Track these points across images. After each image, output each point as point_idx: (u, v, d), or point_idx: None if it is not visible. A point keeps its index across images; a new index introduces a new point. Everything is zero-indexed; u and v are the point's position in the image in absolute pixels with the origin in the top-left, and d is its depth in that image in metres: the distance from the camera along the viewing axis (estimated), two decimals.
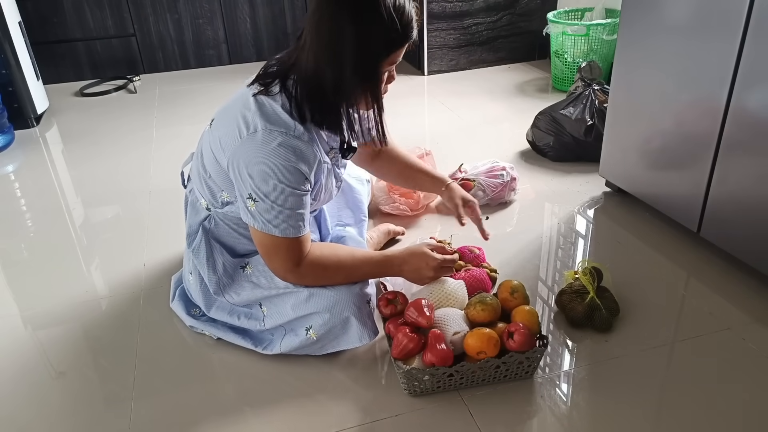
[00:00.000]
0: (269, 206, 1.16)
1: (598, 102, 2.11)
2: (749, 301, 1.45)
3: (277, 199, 1.15)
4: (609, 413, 1.17)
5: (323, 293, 1.25)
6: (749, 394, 1.20)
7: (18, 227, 1.96)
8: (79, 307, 1.54)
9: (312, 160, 1.17)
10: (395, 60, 1.17)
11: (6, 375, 1.34)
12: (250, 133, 1.14)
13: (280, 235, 1.18)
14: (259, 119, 1.14)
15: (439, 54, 3.22)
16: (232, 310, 1.37)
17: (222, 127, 1.21)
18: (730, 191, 1.49)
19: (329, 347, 1.29)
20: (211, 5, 3.38)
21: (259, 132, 1.13)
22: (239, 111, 1.18)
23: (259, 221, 1.18)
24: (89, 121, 2.84)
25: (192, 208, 1.39)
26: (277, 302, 1.30)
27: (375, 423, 1.17)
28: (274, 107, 1.16)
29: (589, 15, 2.91)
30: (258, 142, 1.13)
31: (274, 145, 1.13)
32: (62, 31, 3.26)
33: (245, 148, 1.15)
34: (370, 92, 1.16)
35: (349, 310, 1.25)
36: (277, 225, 1.17)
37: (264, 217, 1.17)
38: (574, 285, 1.42)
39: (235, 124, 1.17)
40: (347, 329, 1.26)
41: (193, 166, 1.37)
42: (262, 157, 1.13)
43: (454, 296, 1.31)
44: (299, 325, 1.28)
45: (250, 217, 1.19)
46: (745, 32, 1.36)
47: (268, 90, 1.18)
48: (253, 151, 1.14)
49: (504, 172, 1.90)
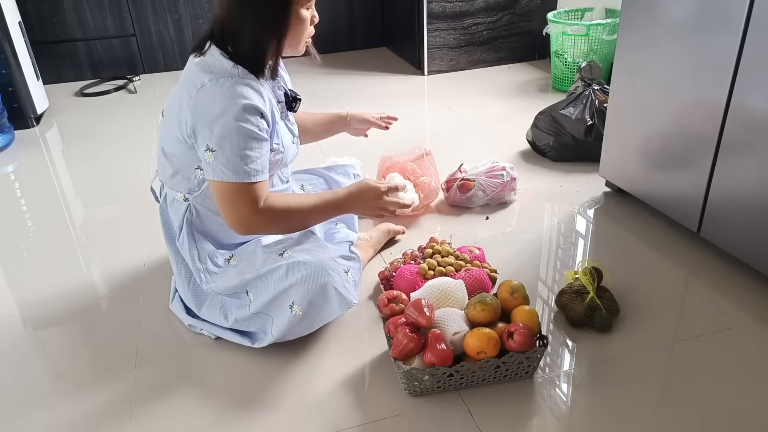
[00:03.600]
0: (226, 152, 1.18)
1: (598, 102, 2.11)
2: (749, 301, 1.45)
3: (234, 143, 1.18)
4: (609, 413, 1.17)
5: (300, 265, 1.28)
6: (749, 393, 1.20)
7: (18, 227, 1.96)
8: (79, 307, 1.54)
9: (264, 97, 1.23)
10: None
11: (6, 375, 1.34)
12: (198, 89, 1.19)
13: (238, 180, 1.20)
14: (204, 75, 1.19)
15: (439, 54, 3.22)
16: (222, 307, 1.37)
17: (173, 106, 1.26)
18: (730, 191, 1.49)
19: (317, 321, 1.31)
20: (211, 5, 3.38)
21: (206, 84, 1.18)
22: (185, 81, 1.23)
23: (217, 171, 1.20)
24: (89, 121, 2.84)
25: (172, 208, 1.40)
26: (260, 285, 1.32)
27: (375, 423, 1.17)
28: (214, 61, 1.21)
29: (589, 15, 2.92)
30: (208, 92, 1.18)
31: (224, 90, 1.17)
32: (62, 31, 3.26)
33: (198, 103, 1.19)
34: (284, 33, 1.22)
35: (326, 276, 1.28)
36: (236, 170, 1.20)
37: (222, 164, 1.19)
38: (574, 285, 1.42)
39: (185, 92, 1.21)
40: (328, 298, 1.28)
41: (161, 168, 1.38)
42: (215, 104, 1.17)
43: (454, 296, 1.32)
44: (283, 304, 1.29)
45: (210, 171, 1.21)
46: (745, 32, 1.36)
47: (203, 52, 1.24)
48: (206, 101, 1.18)
49: (504, 172, 1.90)
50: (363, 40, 3.75)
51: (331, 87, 3.11)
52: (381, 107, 2.81)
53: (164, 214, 1.43)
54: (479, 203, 1.91)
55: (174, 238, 1.40)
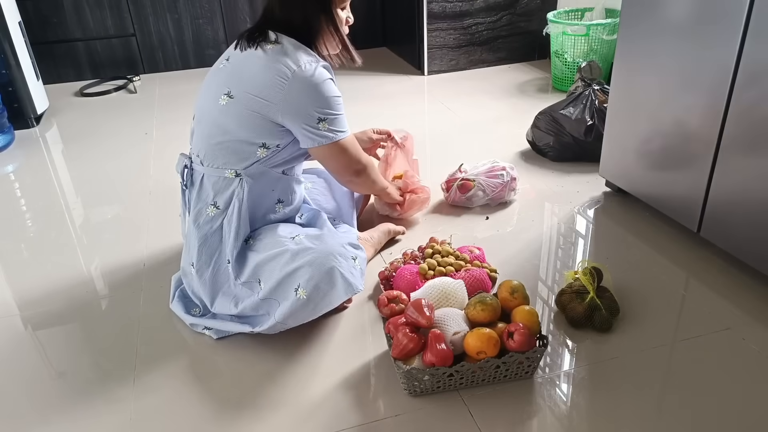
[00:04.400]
0: (335, 117, 1.36)
1: (598, 102, 2.11)
2: (749, 301, 1.45)
3: (337, 109, 1.36)
4: (609, 413, 1.17)
5: (308, 249, 1.33)
6: (749, 394, 1.20)
7: (18, 227, 1.96)
8: (79, 307, 1.54)
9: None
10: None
11: (6, 375, 1.34)
12: (293, 72, 1.29)
13: (346, 137, 1.40)
14: (296, 56, 1.31)
15: (439, 54, 3.22)
16: (234, 296, 1.38)
17: (256, 86, 1.32)
18: (730, 191, 1.49)
19: (321, 306, 1.32)
20: (211, 5, 3.38)
21: (303, 64, 1.30)
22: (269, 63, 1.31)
23: (330, 136, 1.36)
24: (89, 121, 2.84)
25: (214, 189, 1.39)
26: (269, 268, 1.34)
27: (375, 423, 1.17)
28: (295, 48, 1.33)
29: (589, 15, 2.92)
30: (306, 74, 1.30)
31: (318, 71, 1.31)
32: (62, 31, 3.26)
33: (296, 84, 1.30)
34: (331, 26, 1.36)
35: (333, 260, 1.31)
36: (344, 128, 1.39)
37: (334, 129, 1.36)
38: (574, 285, 1.42)
39: (274, 75, 1.30)
40: (333, 283, 1.30)
41: (207, 149, 1.38)
42: (314, 85, 1.31)
43: (454, 296, 1.32)
44: (289, 287, 1.30)
45: (323, 138, 1.35)
46: (745, 32, 1.36)
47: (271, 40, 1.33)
48: (305, 83, 1.30)
49: (504, 172, 1.90)
50: (363, 40, 3.73)
51: None
52: (381, 107, 2.82)
53: (198, 196, 1.41)
54: (479, 203, 1.91)
55: (204, 219, 1.39)
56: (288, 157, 1.41)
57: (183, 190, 1.47)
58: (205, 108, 1.41)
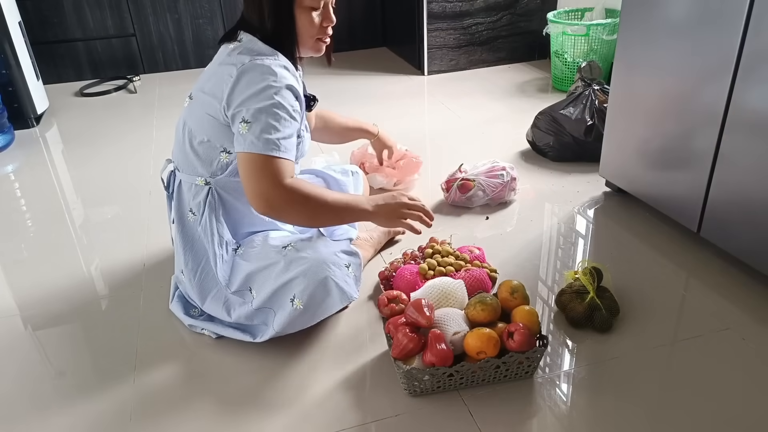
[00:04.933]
0: (260, 124, 1.21)
1: (598, 102, 2.11)
2: (749, 301, 1.45)
3: (269, 116, 1.21)
4: (609, 413, 1.17)
5: (301, 259, 1.30)
6: (749, 394, 1.20)
7: (18, 227, 1.96)
8: (79, 307, 1.54)
9: (298, 81, 1.30)
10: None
11: (6, 375, 1.34)
12: (239, 68, 1.23)
13: (265, 152, 1.21)
14: (245, 55, 1.25)
15: (439, 54, 3.22)
16: (226, 302, 1.37)
17: (210, 86, 1.29)
18: (730, 191, 1.49)
19: (318, 314, 1.32)
20: (211, 5, 3.38)
21: (248, 63, 1.23)
22: (222, 63, 1.28)
23: (247, 142, 1.22)
24: (89, 121, 2.84)
25: (189, 194, 1.39)
26: (262, 279, 1.32)
27: (375, 423, 1.17)
28: (253, 45, 1.28)
29: (589, 15, 2.92)
30: (249, 70, 1.23)
31: (264, 67, 1.23)
32: (62, 31, 3.26)
33: (240, 80, 1.23)
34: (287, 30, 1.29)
35: (326, 270, 1.29)
36: (265, 142, 1.21)
37: (254, 135, 1.21)
38: (574, 285, 1.42)
39: (224, 73, 1.26)
40: (328, 291, 1.29)
41: (178, 154, 1.40)
42: (257, 80, 1.22)
43: (454, 296, 1.32)
44: (284, 298, 1.29)
45: (241, 143, 1.23)
46: (745, 32, 1.36)
47: (237, 38, 1.31)
48: (248, 79, 1.23)
49: (504, 172, 1.90)
50: (363, 40, 3.75)
51: (331, 87, 3.11)
52: (381, 107, 2.82)
53: (177, 202, 1.42)
54: (479, 203, 1.91)
55: (187, 225, 1.40)
56: None
57: (168, 196, 1.47)
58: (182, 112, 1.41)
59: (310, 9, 1.28)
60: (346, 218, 1.40)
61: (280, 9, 1.27)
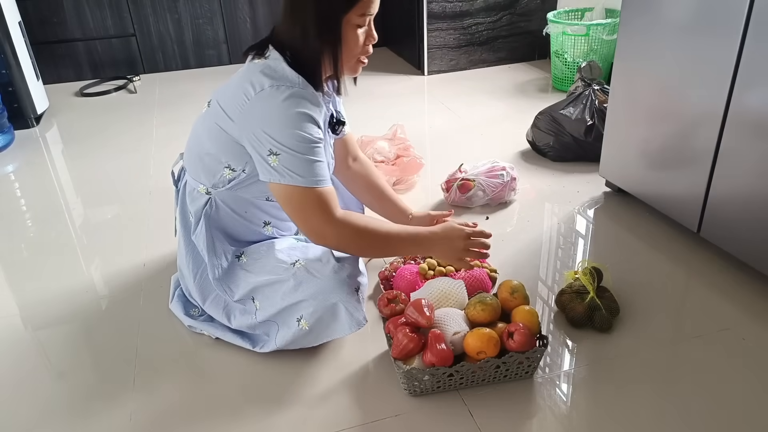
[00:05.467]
0: (292, 155, 1.17)
1: (598, 102, 2.11)
2: (749, 301, 1.45)
3: (297, 148, 1.16)
4: (609, 413, 1.17)
5: (311, 281, 1.26)
6: (749, 394, 1.20)
7: (18, 227, 1.96)
8: (79, 307, 1.54)
9: (320, 110, 1.22)
10: (365, 12, 1.18)
11: (6, 375, 1.34)
12: (257, 92, 1.17)
13: (307, 185, 1.18)
14: (265, 78, 1.18)
15: (439, 54, 3.22)
16: (226, 306, 1.37)
17: (226, 100, 1.24)
18: (730, 191, 1.49)
19: (322, 336, 1.29)
20: (211, 5, 3.38)
21: (267, 89, 1.17)
22: (243, 78, 1.21)
23: (285, 175, 1.18)
24: (89, 121, 2.84)
25: (190, 197, 1.38)
26: (268, 293, 1.30)
27: (375, 423, 1.17)
28: (276, 66, 1.20)
29: (589, 15, 2.92)
30: (268, 98, 1.16)
31: (284, 97, 1.16)
32: (62, 31, 3.26)
33: (256, 106, 1.17)
34: (333, 49, 1.19)
35: (336, 296, 1.25)
36: (304, 174, 1.17)
37: (289, 168, 1.17)
38: (574, 285, 1.42)
39: (240, 91, 1.20)
40: (337, 316, 1.27)
41: (187, 156, 1.38)
42: (275, 111, 1.16)
43: (454, 296, 1.31)
44: (290, 316, 1.28)
45: (276, 174, 1.18)
46: (745, 32, 1.36)
47: (265, 56, 1.22)
48: (266, 107, 1.17)
49: (504, 172, 1.90)
50: None
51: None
52: (381, 107, 2.82)
53: (182, 201, 1.41)
54: (479, 203, 1.91)
55: (189, 228, 1.39)
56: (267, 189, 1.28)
57: (176, 190, 1.47)
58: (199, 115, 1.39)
59: (356, 26, 1.19)
60: (404, 249, 1.34)
61: (327, 26, 1.17)
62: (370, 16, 1.21)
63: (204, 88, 3.16)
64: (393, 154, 2.05)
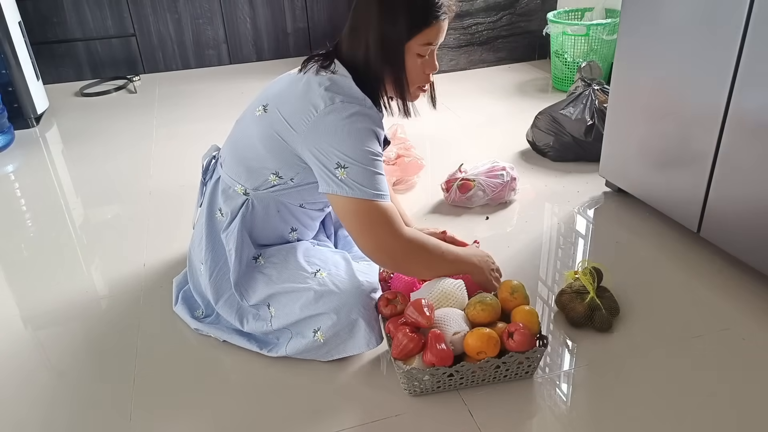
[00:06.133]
0: (362, 169, 1.17)
1: (598, 102, 2.11)
2: (749, 301, 1.45)
3: (367, 162, 1.17)
4: (609, 413, 1.17)
5: (332, 294, 1.25)
6: (749, 394, 1.20)
7: (18, 227, 1.96)
8: (79, 307, 1.54)
9: (382, 128, 1.24)
10: (428, 41, 1.20)
11: (6, 375, 1.34)
12: (327, 107, 1.17)
13: (375, 198, 1.18)
14: (335, 93, 1.18)
15: (438, 54, 3.21)
16: (239, 309, 1.36)
17: (289, 110, 1.23)
18: (730, 191, 1.49)
19: (336, 352, 1.28)
20: (211, 5, 3.38)
21: (337, 104, 1.17)
22: (309, 90, 1.21)
23: (354, 188, 1.17)
24: (89, 121, 2.84)
25: (224, 195, 1.36)
26: (285, 302, 1.29)
27: (375, 423, 1.17)
28: (343, 83, 1.21)
29: (589, 15, 2.92)
30: (337, 113, 1.17)
31: (352, 112, 1.17)
32: (62, 31, 3.26)
33: (325, 121, 1.18)
34: (394, 75, 1.22)
35: (358, 312, 1.24)
36: (373, 187, 1.18)
37: (357, 181, 1.17)
38: (574, 285, 1.42)
39: (307, 101, 1.20)
40: (354, 332, 1.26)
41: (230, 155, 1.36)
42: (345, 126, 1.17)
43: (454, 296, 1.31)
44: (307, 327, 1.27)
45: (344, 187, 1.18)
46: (745, 33, 1.36)
47: (332, 70, 1.23)
48: (334, 121, 1.17)
49: (504, 172, 1.90)
50: None
51: None
52: None
53: (211, 196, 1.40)
54: (479, 203, 1.91)
55: (214, 222, 1.37)
56: (308, 196, 1.32)
57: (202, 181, 1.46)
58: (247, 112, 1.35)
59: (417, 56, 1.21)
60: (456, 270, 1.32)
61: (390, 51, 1.19)
62: (433, 47, 1.22)
63: (204, 88, 3.17)
64: (393, 153, 2.05)
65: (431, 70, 1.26)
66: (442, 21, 1.19)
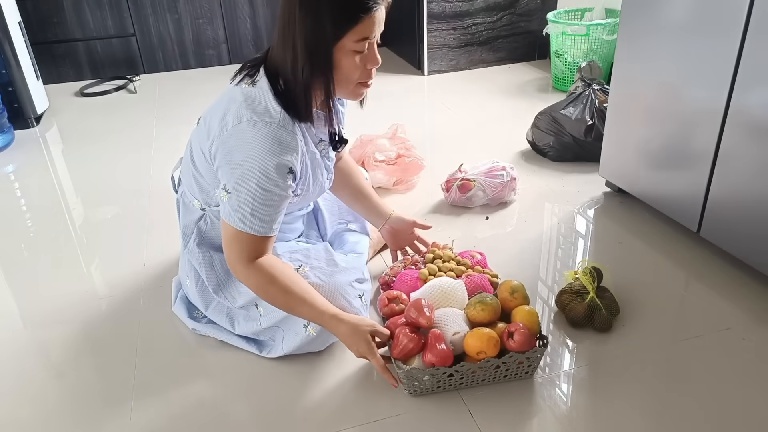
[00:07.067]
0: (240, 198, 1.14)
1: (598, 102, 2.11)
2: (749, 301, 1.45)
3: (250, 193, 1.13)
4: (609, 413, 1.17)
5: (316, 287, 1.26)
6: (749, 394, 1.20)
7: (18, 227, 1.96)
8: (79, 307, 1.54)
9: (297, 152, 1.16)
10: (363, 36, 1.10)
11: (6, 375, 1.34)
12: (234, 125, 1.13)
13: (242, 229, 1.16)
14: (244, 110, 1.13)
15: (439, 54, 3.22)
16: (229, 312, 1.36)
17: (210, 122, 1.21)
18: (730, 191, 1.49)
19: (330, 340, 1.31)
20: (211, 5, 3.38)
21: (243, 123, 1.12)
22: (226, 103, 1.18)
23: (226, 212, 1.17)
24: (89, 121, 2.84)
25: (185, 208, 1.39)
26: None
27: (375, 423, 1.17)
28: (261, 96, 1.15)
29: (589, 15, 2.91)
30: (241, 133, 1.12)
31: (258, 135, 1.11)
32: (62, 31, 3.26)
33: (228, 140, 1.14)
34: (323, 78, 1.13)
35: (341, 301, 1.27)
36: (243, 218, 1.15)
37: (232, 208, 1.15)
38: (574, 285, 1.42)
39: (222, 116, 1.16)
40: None
41: (184, 168, 1.37)
42: (245, 148, 1.12)
43: (454, 296, 1.31)
44: (297, 323, 1.28)
45: (221, 207, 1.18)
46: (745, 32, 1.36)
47: (254, 81, 1.17)
48: (237, 142, 1.13)
49: (504, 172, 1.90)
50: None
51: None
52: (381, 107, 2.82)
53: (181, 208, 1.41)
54: (479, 203, 1.91)
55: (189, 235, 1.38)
56: None
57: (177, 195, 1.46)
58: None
59: (354, 52, 1.12)
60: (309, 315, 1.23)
61: (317, 55, 1.10)
62: (371, 40, 1.13)
63: (204, 88, 3.16)
64: (394, 153, 2.05)
65: (373, 64, 1.16)
66: (375, 12, 1.09)
